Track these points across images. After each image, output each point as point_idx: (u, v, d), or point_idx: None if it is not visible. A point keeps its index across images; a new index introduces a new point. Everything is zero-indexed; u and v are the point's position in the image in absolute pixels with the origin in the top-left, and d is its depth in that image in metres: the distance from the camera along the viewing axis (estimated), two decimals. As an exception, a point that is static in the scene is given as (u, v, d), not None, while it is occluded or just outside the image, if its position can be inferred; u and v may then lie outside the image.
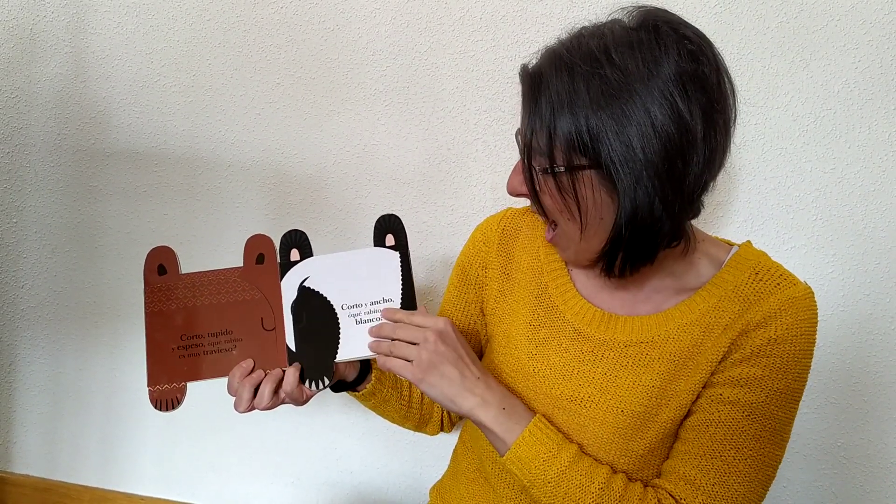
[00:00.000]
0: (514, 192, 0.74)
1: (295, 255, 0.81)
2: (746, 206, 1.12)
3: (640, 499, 0.68)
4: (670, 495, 0.69)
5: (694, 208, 0.69)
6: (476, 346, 0.93)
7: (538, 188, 0.69)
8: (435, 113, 1.22)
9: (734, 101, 0.67)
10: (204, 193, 1.34)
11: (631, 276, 0.72)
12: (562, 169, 0.66)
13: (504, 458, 0.71)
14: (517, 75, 0.72)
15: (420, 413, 0.94)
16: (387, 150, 1.25)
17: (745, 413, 0.68)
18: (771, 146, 1.10)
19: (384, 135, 1.25)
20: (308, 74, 1.26)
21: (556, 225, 0.75)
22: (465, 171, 1.22)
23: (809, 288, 0.71)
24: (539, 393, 0.78)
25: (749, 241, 0.77)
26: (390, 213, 0.82)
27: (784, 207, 1.11)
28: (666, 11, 0.67)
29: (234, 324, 0.78)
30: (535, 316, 0.82)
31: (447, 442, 1.30)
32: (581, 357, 0.77)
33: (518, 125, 0.71)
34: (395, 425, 1.31)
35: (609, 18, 0.69)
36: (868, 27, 1.05)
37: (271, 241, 0.81)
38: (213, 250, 1.35)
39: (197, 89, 1.31)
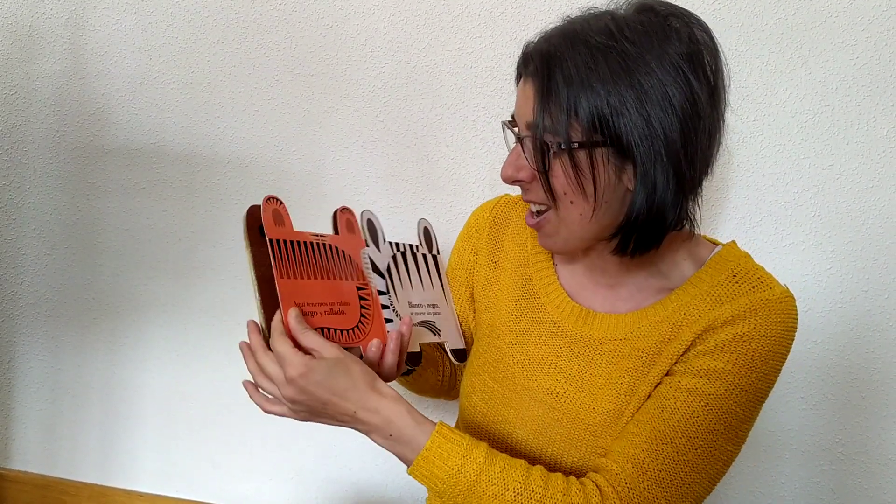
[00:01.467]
0: (509, 180, 0.72)
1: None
2: (745, 203, 1.12)
3: (563, 493, 0.65)
4: (613, 479, 0.66)
5: (697, 193, 0.70)
6: (466, 333, 0.92)
7: (548, 167, 0.67)
8: (434, 110, 1.22)
9: (725, 86, 0.68)
10: (202, 190, 1.34)
11: (641, 257, 0.72)
12: (576, 145, 0.64)
13: (409, 471, 0.68)
14: (517, 62, 0.71)
15: (449, 384, 0.97)
16: (385, 146, 1.25)
17: (702, 403, 0.66)
18: (769, 142, 1.11)
19: (383, 132, 1.25)
20: (307, 71, 1.26)
21: (543, 210, 0.72)
22: (463, 168, 1.22)
23: (789, 292, 0.70)
24: (517, 384, 0.78)
25: (734, 242, 0.76)
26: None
27: (782, 204, 1.11)
28: (664, 1, 0.68)
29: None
30: (518, 306, 0.82)
31: (446, 438, 1.30)
32: (558, 352, 0.77)
33: (504, 114, 0.70)
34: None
35: (604, 9, 0.69)
36: (866, 24, 1.05)
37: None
38: (212, 247, 1.35)
39: (195, 86, 1.31)
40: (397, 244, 0.83)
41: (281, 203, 0.72)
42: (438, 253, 0.87)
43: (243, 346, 0.72)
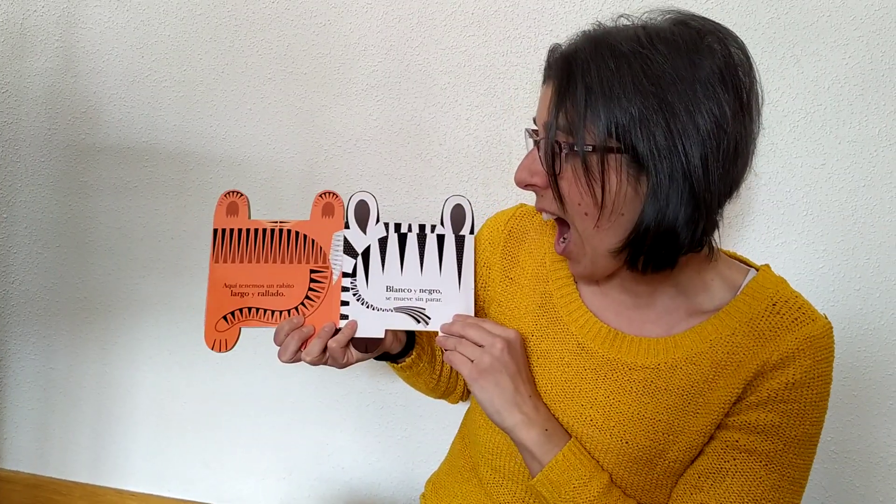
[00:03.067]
0: (522, 184, 0.70)
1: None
2: (737, 202, 1.12)
3: None
4: None
5: (716, 216, 0.67)
6: None
7: (558, 170, 0.65)
8: (427, 108, 1.22)
9: (760, 108, 0.65)
10: (195, 188, 1.33)
11: (653, 275, 0.68)
12: (590, 148, 0.62)
13: (535, 479, 0.70)
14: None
15: (446, 386, 0.95)
16: (378, 145, 1.25)
17: (763, 463, 0.65)
18: (761, 141, 1.10)
19: (376, 130, 1.24)
20: (300, 69, 1.26)
21: (566, 230, 0.71)
22: (456, 166, 1.22)
23: (828, 323, 0.68)
24: None
25: (768, 266, 0.74)
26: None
27: (774, 203, 1.11)
28: (696, 15, 0.65)
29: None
30: (538, 326, 0.78)
31: (439, 438, 1.30)
32: (583, 374, 0.73)
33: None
34: (386, 424, 1.32)
35: (637, 19, 0.67)
36: (858, 23, 1.05)
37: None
38: (204, 246, 1.35)
39: (188, 84, 1.31)
40: (399, 225, 0.81)
41: (241, 195, 0.80)
42: (472, 233, 0.82)
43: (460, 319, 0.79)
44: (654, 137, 0.59)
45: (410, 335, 0.87)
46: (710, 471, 0.68)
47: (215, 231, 0.79)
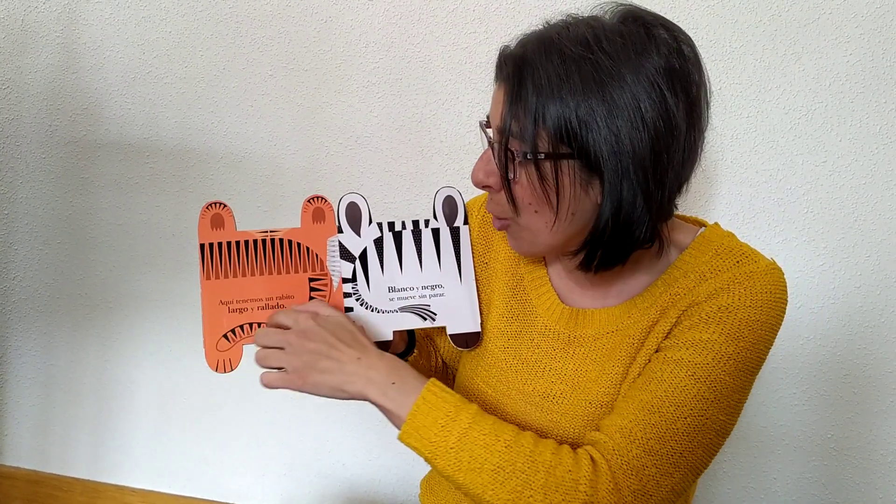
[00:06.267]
0: (479, 184, 0.71)
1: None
2: (738, 199, 1.13)
3: (553, 452, 0.65)
4: (602, 448, 0.66)
5: (669, 209, 0.68)
6: None
7: (512, 176, 0.66)
8: (428, 105, 1.22)
9: (708, 104, 0.67)
10: (196, 185, 1.34)
11: (604, 272, 0.71)
12: (542, 156, 0.63)
13: (400, 436, 0.67)
14: (495, 65, 0.70)
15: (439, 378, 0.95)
16: (379, 142, 1.25)
17: (689, 373, 0.65)
18: (762, 139, 1.11)
19: (377, 127, 1.25)
20: (301, 66, 1.26)
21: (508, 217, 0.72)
22: (457, 163, 1.22)
23: (774, 265, 0.69)
24: (512, 388, 0.77)
25: (717, 223, 0.76)
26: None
27: (775, 200, 1.11)
28: (646, 10, 0.66)
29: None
30: (509, 308, 0.81)
31: (439, 434, 1.30)
32: (552, 353, 0.76)
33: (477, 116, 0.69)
34: (387, 420, 1.32)
35: (588, 15, 0.68)
36: (860, 21, 1.05)
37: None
38: (205, 242, 1.35)
39: (189, 81, 1.31)
40: (392, 223, 0.80)
41: (224, 206, 0.75)
42: (465, 223, 0.82)
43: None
44: (603, 139, 0.61)
45: (411, 334, 0.87)
46: (638, 383, 0.69)
47: (202, 246, 0.74)
